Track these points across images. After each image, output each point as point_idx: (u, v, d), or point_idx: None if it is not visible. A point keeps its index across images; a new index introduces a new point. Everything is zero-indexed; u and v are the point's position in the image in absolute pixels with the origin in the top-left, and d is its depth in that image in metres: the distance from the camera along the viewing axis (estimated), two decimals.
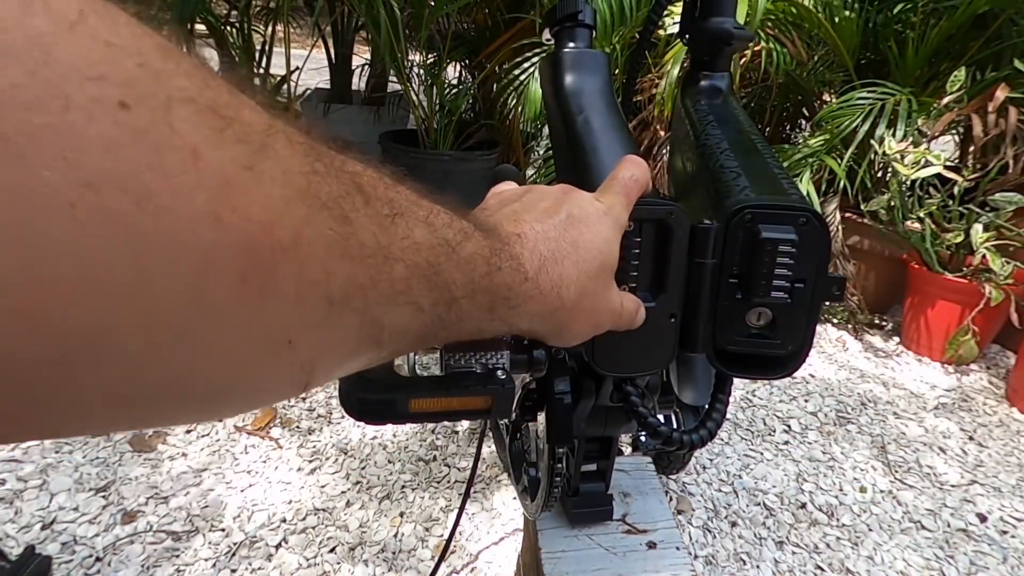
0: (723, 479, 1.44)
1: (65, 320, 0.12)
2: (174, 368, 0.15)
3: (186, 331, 0.14)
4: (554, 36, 0.57)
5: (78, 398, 0.14)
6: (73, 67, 0.12)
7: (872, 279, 2.26)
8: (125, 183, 0.12)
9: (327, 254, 0.17)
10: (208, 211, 0.14)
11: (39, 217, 0.11)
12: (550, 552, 0.59)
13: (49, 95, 0.12)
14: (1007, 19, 2.02)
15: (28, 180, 0.11)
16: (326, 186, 0.17)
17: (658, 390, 0.52)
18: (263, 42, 2.40)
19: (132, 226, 0.12)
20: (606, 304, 0.32)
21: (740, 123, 0.49)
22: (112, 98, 0.12)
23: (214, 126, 0.14)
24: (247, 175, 0.15)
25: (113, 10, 0.13)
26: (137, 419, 0.16)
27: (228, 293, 0.14)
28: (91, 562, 1.07)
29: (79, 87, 0.12)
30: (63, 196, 0.12)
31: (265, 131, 0.16)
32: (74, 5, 0.12)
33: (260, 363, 0.17)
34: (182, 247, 0.13)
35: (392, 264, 0.20)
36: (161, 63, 0.14)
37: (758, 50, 2.17)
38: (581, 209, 0.31)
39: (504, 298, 0.26)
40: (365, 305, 0.19)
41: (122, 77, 0.13)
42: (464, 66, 2.94)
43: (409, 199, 0.22)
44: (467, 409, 0.32)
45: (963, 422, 1.73)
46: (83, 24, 0.12)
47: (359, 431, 1.47)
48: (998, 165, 1.87)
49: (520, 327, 0.29)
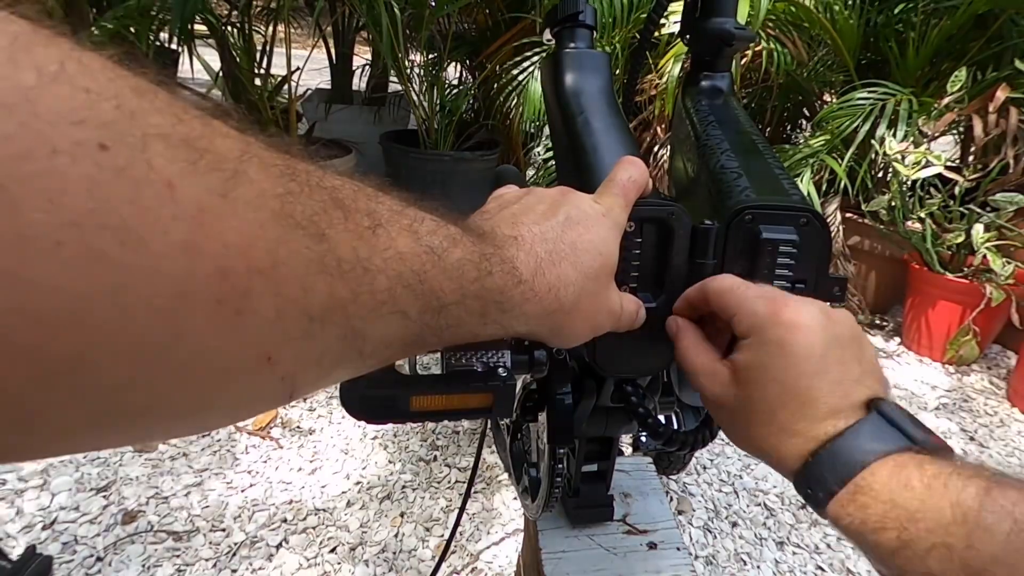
0: (724, 479, 1.44)
1: (47, 350, 0.13)
2: (153, 389, 0.15)
3: (164, 354, 0.15)
4: (555, 36, 0.57)
5: (62, 420, 0.14)
6: (58, 114, 0.13)
7: (873, 279, 2.26)
8: (106, 220, 0.13)
9: (304, 271, 0.17)
10: (184, 240, 0.14)
11: (28, 260, 0.12)
12: (551, 552, 0.59)
13: (37, 143, 0.12)
14: (1008, 19, 2.02)
15: (18, 225, 0.12)
16: (300, 205, 0.18)
17: (659, 390, 0.52)
18: (264, 42, 2.40)
19: (112, 260, 0.13)
20: (605, 305, 0.32)
21: (741, 123, 0.49)
22: (93, 140, 0.13)
23: (188, 158, 0.15)
24: (221, 202, 0.15)
25: (88, 57, 0.14)
26: (121, 437, 0.17)
27: (204, 317, 0.15)
28: (92, 562, 1.08)
29: (63, 133, 0.13)
30: (50, 237, 0.12)
31: (238, 158, 0.16)
32: (54, 56, 0.13)
33: (240, 379, 0.17)
34: (159, 276, 0.14)
35: (374, 276, 0.20)
36: (136, 102, 0.14)
37: (759, 50, 2.17)
38: (579, 210, 0.31)
39: (496, 302, 0.26)
40: (346, 317, 0.19)
41: (101, 120, 0.13)
42: (464, 66, 2.94)
43: (392, 208, 0.22)
44: (468, 407, 0.32)
45: (964, 422, 1.73)
46: (63, 74, 0.13)
47: (360, 431, 1.47)
48: (999, 165, 1.87)
49: (517, 330, 0.29)
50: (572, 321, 0.30)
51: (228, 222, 0.15)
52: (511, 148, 2.70)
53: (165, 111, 0.15)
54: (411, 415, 0.30)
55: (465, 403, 0.31)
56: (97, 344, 0.13)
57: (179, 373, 0.15)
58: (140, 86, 0.15)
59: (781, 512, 1.36)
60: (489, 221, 0.30)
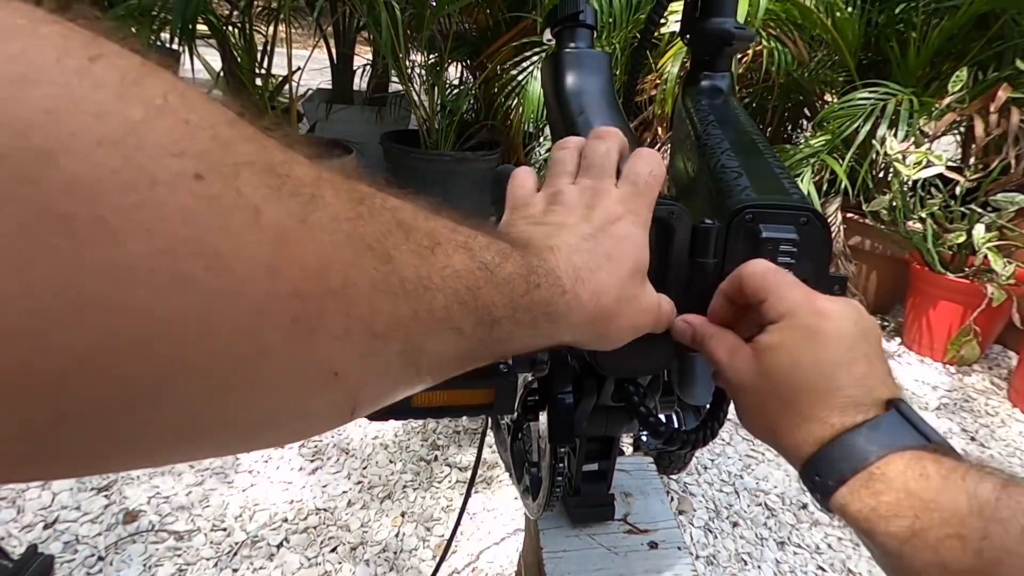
0: (724, 479, 1.44)
1: (136, 371, 0.13)
2: (231, 405, 0.16)
3: (241, 372, 0.15)
4: (555, 36, 0.57)
5: (145, 437, 0.15)
6: (161, 147, 0.13)
7: (874, 279, 2.26)
8: (198, 247, 0.14)
9: (372, 291, 0.18)
10: (266, 263, 0.15)
11: (123, 287, 0.13)
12: (552, 552, 0.59)
13: (140, 176, 0.13)
14: (1009, 19, 2.02)
15: (116, 255, 0.12)
16: (370, 227, 0.19)
17: (659, 390, 0.52)
18: (265, 42, 2.40)
19: (201, 285, 0.14)
20: (645, 305, 0.33)
21: (741, 123, 0.49)
22: (190, 171, 0.14)
23: (272, 184, 0.15)
24: (300, 226, 0.16)
25: (186, 88, 0.15)
26: (199, 452, 0.17)
27: (282, 336, 0.16)
28: (93, 561, 1.08)
29: (164, 165, 0.13)
30: (145, 265, 0.13)
31: (314, 183, 0.17)
32: (159, 90, 0.14)
33: (310, 395, 0.18)
34: (242, 299, 0.15)
35: (433, 294, 0.21)
36: (229, 132, 0.15)
37: (759, 50, 2.17)
38: (609, 216, 0.32)
39: (545, 313, 0.27)
40: (407, 335, 0.20)
41: (198, 150, 0.14)
42: (465, 66, 2.94)
43: (447, 227, 0.23)
44: (470, 404, 0.32)
45: (965, 422, 1.73)
46: (167, 106, 0.14)
47: (360, 431, 1.47)
48: (1000, 165, 1.87)
49: (563, 339, 0.29)
50: (615, 325, 0.31)
51: (307, 246, 0.16)
52: (512, 148, 2.70)
53: (252, 139, 0.16)
54: (413, 411, 0.30)
55: (467, 399, 0.31)
56: (183, 364, 0.14)
57: (255, 390, 0.16)
58: (231, 116, 0.16)
59: (782, 512, 1.35)
60: (524, 233, 0.30)
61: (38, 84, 0.12)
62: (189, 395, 0.15)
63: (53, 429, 0.13)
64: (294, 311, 0.16)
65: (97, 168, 0.12)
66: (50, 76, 0.12)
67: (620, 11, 2.22)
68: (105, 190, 0.12)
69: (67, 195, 0.12)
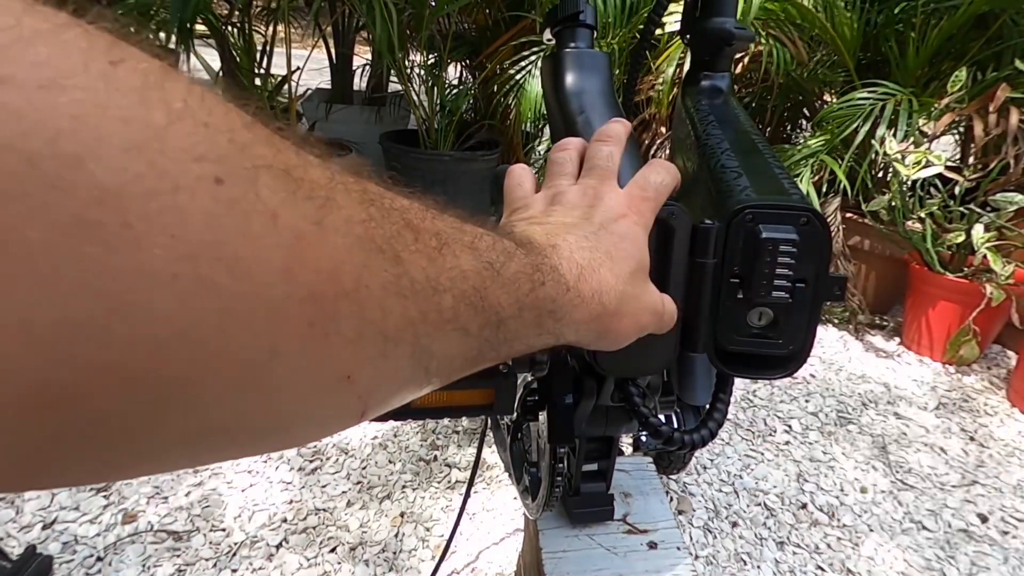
0: (724, 479, 1.44)
1: (155, 374, 0.13)
2: (246, 407, 0.16)
3: (257, 376, 0.15)
4: (555, 36, 0.57)
5: (160, 439, 0.15)
6: (182, 151, 0.13)
7: (873, 279, 2.26)
8: (219, 251, 0.14)
9: (383, 294, 0.18)
10: (283, 267, 0.15)
11: (145, 292, 0.13)
12: (551, 552, 0.59)
13: (163, 181, 0.13)
14: (1008, 19, 2.02)
15: (139, 260, 0.12)
16: (380, 229, 0.19)
17: (659, 390, 0.52)
18: (264, 42, 2.40)
19: (221, 289, 0.14)
20: (648, 304, 0.33)
21: (741, 123, 0.49)
22: (210, 175, 0.14)
23: (288, 188, 0.16)
24: (316, 229, 0.16)
25: (203, 90, 0.15)
26: (212, 455, 0.17)
27: (298, 339, 0.16)
28: (92, 562, 1.08)
29: (186, 169, 0.13)
30: (168, 270, 0.13)
31: (328, 185, 0.17)
32: (180, 93, 0.14)
33: (321, 398, 0.18)
34: (259, 302, 0.15)
35: (441, 295, 0.21)
36: (245, 135, 0.15)
37: (759, 50, 2.17)
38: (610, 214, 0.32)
39: (550, 311, 0.27)
40: (416, 336, 0.20)
41: (217, 154, 0.14)
42: (465, 66, 2.94)
43: (453, 226, 0.23)
44: (470, 404, 0.32)
45: (964, 422, 1.73)
46: (187, 109, 0.14)
47: (360, 430, 1.47)
48: (999, 165, 1.87)
49: (567, 338, 0.29)
50: (618, 324, 0.31)
51: (321, 249, 0.16)
52: (511, 148, 2.70)
53: (269, 142, 0.16)
54: (412, 412, 0.30)
55: (466, 400, 0.31)
56: (200, 370, 0.14)
57: (270, 392, 0.16)
58: (247, 119, 0.16)
59: (781, 512, 1.36)
60: (526, 231, 0.30)
61: (65, 89, 0.12)
62: (205, 401, 0.15)
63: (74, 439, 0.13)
64: (310, 314, 0.16)
65: (123, 174, 0.12)
66: (76, 81, 0.12)
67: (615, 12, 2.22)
68: (131, 196, 0.12)
69: (97, 202, 0.12)
